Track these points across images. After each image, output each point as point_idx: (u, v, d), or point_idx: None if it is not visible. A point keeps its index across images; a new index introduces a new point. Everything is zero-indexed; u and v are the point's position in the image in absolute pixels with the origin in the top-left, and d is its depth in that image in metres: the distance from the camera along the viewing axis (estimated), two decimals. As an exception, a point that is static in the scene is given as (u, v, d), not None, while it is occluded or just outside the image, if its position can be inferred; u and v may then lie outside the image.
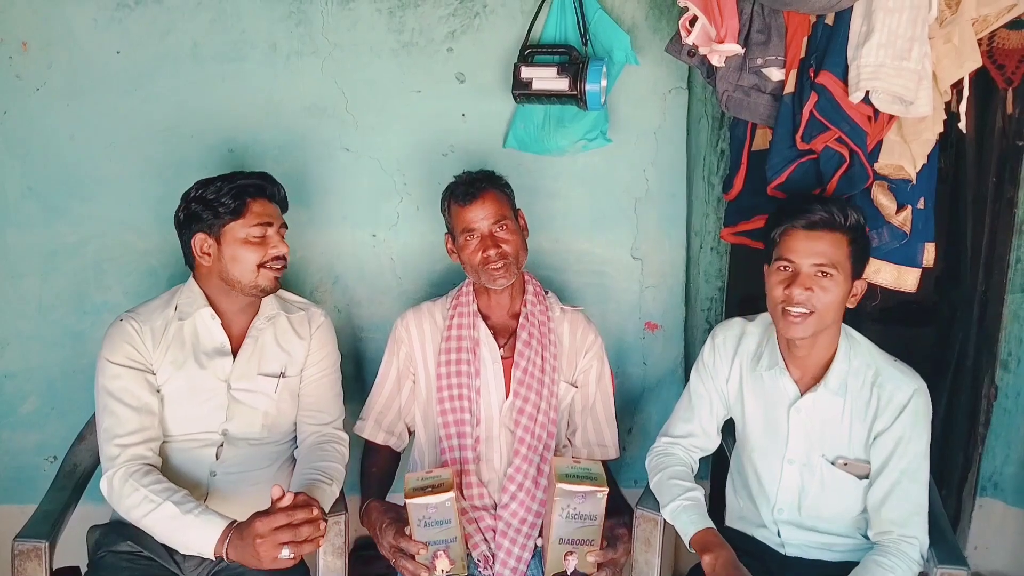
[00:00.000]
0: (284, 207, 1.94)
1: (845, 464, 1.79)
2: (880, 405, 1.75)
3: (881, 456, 1.75)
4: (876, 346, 1.83)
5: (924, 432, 1.75)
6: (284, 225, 1.90)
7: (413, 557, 1.71)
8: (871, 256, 1.93)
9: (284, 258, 1.87)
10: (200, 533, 1.63)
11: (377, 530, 1.83)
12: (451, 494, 1.66)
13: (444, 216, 2.06)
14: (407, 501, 1.67)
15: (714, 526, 1.80)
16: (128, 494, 1.69)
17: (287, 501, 1.60)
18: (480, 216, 1.94)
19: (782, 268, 1.72)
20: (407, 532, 1.72)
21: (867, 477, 1.78)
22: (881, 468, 1.75)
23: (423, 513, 1.67)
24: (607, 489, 1.69)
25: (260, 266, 1.83)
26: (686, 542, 1.79)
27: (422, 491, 1.67)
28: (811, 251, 1.67)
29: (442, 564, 1.72)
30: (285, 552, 1.57)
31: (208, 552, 1.62)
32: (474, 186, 1.96)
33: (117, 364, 1.80)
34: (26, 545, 1.73)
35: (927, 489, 1.76)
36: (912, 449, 1.73)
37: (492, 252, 1.93)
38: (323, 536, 1.64)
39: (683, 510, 1.81)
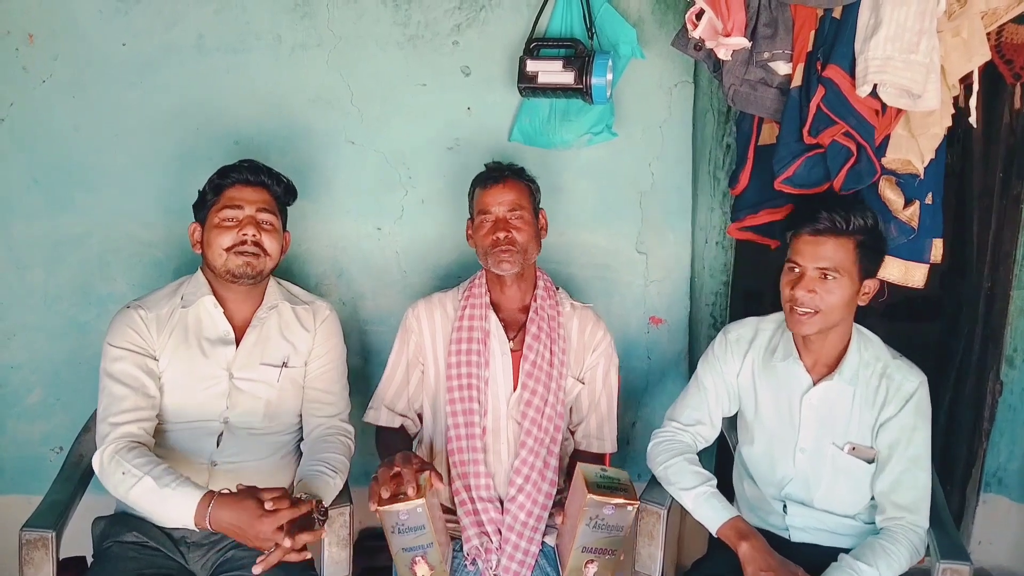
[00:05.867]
0: (278, 195, 1.93)
1: (853, 449, 1.85)
2: (889, 394, 1.83)
3: (888, 442, 1.82)
4: (883, 342, 1.90)
5: (928, 422, 1.84)
6: (268, 211, 1.88)
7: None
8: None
9: (258, 244, 1.85)
10: (178, 505, 1.63)
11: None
12: (421, 501, 1.64)
13: (469, 201, 2.09)
14: (378, 509, 1.66)
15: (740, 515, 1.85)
16: (114, 471, 1.70)
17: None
18: (498, 199, 1.99)
19: (791, 269, 1.82)
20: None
21: (873, 461, 1.85)
22: (889, 455, 1.82)
23: (395, 520, 1.66)
24: (637, 503, 1.70)
25: (228, 250, 1.84)
26: (712, 529, 1.83)
27: (394, 498, 1.66)
28: (815, 255, 1.76)
29: (421, 570, 1.71)
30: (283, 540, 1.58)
31: (189, 522, 1.63)
32: (498, 171, 2.03)
33: (119, 347, 1.81)
34: (33, 535, 1.74)
35: (930, 478, 1.84)
36: (918, 438, 1.82)
37: (501, 235, 1.96)
38: (322, 530, 1.66)
39: (708, 497, 1.86)
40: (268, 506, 1.60)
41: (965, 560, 1.78)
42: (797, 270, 1.79)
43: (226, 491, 1.65)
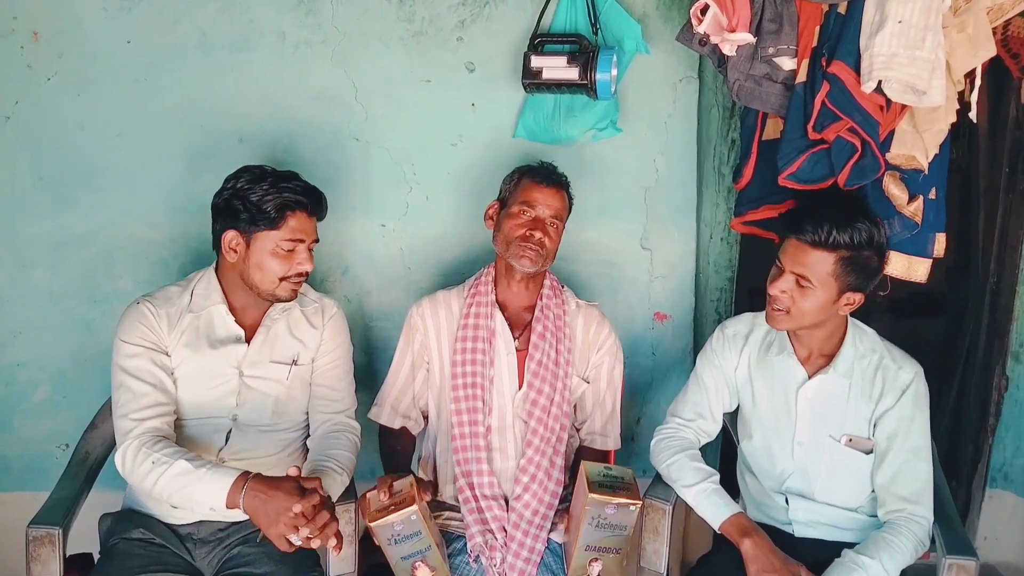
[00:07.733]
0: (323, 218, 1.94)
1: (851, 440, 1.87)
2: (885, 385, 1.85)
3: (887, 433, 1.84)
4: (878, 335, 1.92)
5: (926, 413, 1.85)
6: (316, 240, 1.90)
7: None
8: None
9: (307, 273, 1.88)
10: (213, 485, 1.64)
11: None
12: (414, 507, 1.64)
13: (504, 184, 2.09)
14: (370, 524, 1.66)
15: (743, 511, 1.85)
16: (141, 462, 1.70)
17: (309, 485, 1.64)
18: (547, 201, 2.00)
19: (776, 266, 1.83)
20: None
21: (870, 453, 1.86)
22: (888, 447, 1.83)
23: (391, 532, 1.66)
24: (640, 502, 1.70)
25: (282, 279, 1.84)
26: (715, 525, 1.84)
27: (384, 510, 1.65)
28: (795, 260, 1.77)
29: (422, 574, 1.72)
30: (295, 538, 1.60)
31: (220, 503, 1.63)
32: (557, 177, 2.05)
33: (132, 344, 1.81)
34: (40, 531, 1.75)
35: (932, 468, 1.84)
36: (917, 428, 1.83)
37: (536, 233, 1.97)
38: (336, 538, 1.65)
39: (710, 494, 1.86)
40: (308, 485, 1.63)
41: (971, 556, 1.78)
42: (779, 269, 1.81)
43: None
